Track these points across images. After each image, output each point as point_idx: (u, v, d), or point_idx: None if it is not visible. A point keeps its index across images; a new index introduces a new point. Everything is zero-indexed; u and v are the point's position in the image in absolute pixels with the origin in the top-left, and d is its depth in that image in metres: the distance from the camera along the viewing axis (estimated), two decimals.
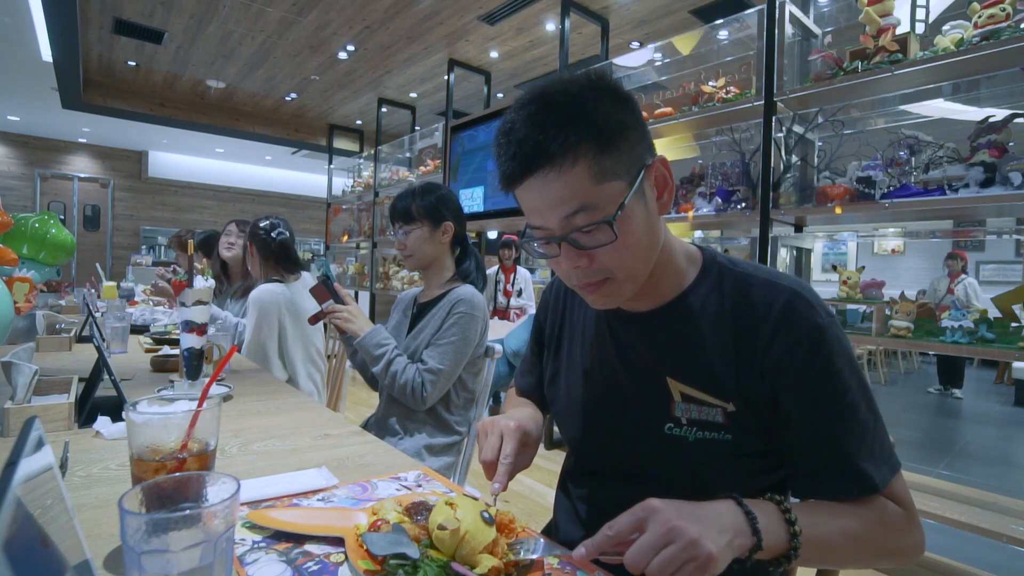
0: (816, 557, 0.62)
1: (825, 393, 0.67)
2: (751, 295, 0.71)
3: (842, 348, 0.68)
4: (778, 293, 0.70)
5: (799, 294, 0.69)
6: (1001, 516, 1.79)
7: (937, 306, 2.07)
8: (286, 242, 2.16)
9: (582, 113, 0.62)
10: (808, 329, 0.67)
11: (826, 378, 0.67)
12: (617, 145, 0.63)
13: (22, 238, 3.22)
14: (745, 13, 2.60)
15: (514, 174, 0.65)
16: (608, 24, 4.42)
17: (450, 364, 1.47)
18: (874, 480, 0.66)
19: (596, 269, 0.67)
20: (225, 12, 4.95)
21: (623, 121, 0.64)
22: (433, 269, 1.62)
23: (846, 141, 2.34)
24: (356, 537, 0.62)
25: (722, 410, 0.70)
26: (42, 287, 3.32)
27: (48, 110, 7.24)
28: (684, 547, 0.52)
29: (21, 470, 0.34)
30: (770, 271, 0.74)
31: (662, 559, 0.51)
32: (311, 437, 1.07)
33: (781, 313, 0.68)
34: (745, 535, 0.56)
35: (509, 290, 5.03)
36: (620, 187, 0.64)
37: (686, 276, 0.76)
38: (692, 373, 0.72)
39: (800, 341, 0.67)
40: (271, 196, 11.02)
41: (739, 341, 0.70)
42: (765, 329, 0.69)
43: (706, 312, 0.73)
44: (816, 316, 0.68)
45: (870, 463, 0.66)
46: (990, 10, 1.84)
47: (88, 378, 1.23)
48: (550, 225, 0.65)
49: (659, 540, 0.52)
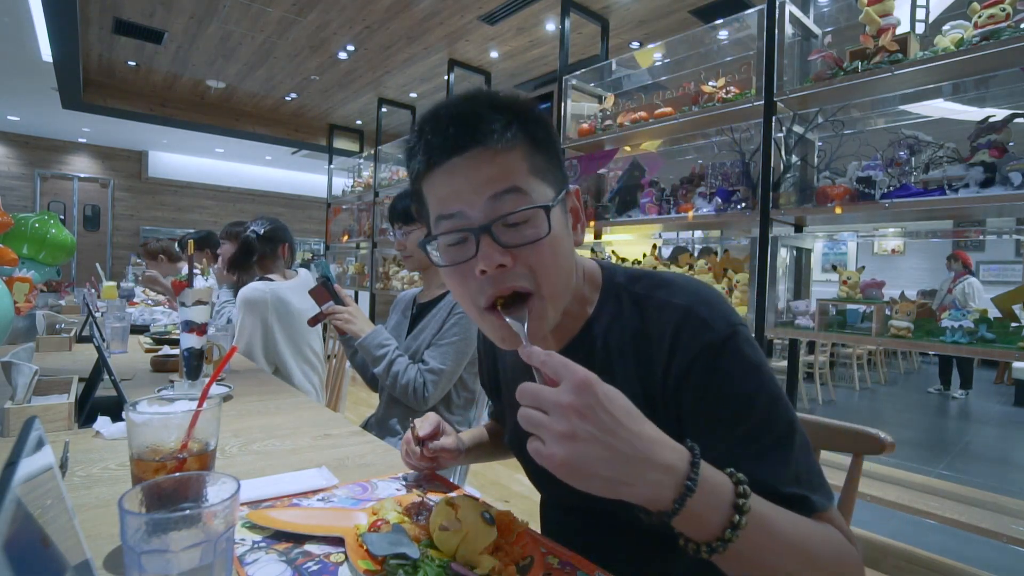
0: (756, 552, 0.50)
1: (729, 414, 0.59)
2: (647, 320, 0.65)
3: (746, 361, 0.60)
4: (670, 314, 0.63)
5: (691, 312, 0.62)
6: (1001, 516, 1.79)
7: (938, 306, 2.07)
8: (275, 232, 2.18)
9: (520, 109, 0.61)
10: (698, 349, 0.60)
11: (727, 399, 0.59)
12: (548, 152, 0.63)
13: (22, 238, 3.22)
14: (745, 13, 2.60)
15: (443, 149, 0.59)
16: (608, 24, 4.42)
17: (452, 364, 1.48)
18: (810, 500, 0.56)
19: (517, 274, 0.59)
20: (225, 12, 4.95)
21: (553, 137, 0.64)
22: (432, 269, 1.63)
23: (846, 141, 2.34)
24: (356, 537, 0.62)
25: None
26: (42, 287, 3.32)
27: (48, 110, 7.24)
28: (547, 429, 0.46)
29: (21, 470, 0.34)
30: (669, 284, 0.66)
31: (527, 416, 0.47)
32: (311, 437, 1.07)
33: (673, 336, 0.62)
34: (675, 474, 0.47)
35: None
36: (549, 192, 0.62)
37: (588, 304, 0.70)
38: None
39: (691, 365, 0.60)
40: (271, 196, 11.02)
41: (641, 374, 0.65)
42: (660, 356, 0.63)
43: (611, 345, 0.67)
44: (707, 333, 0.60)
45: (797, 486, 0.57)
46: (990, 10, 1.84)
47: (88, 378, 1.23)
48: (471, 210, 0.58)
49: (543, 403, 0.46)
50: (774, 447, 0.58)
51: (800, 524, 0.54)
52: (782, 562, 0.51)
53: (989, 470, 3.68)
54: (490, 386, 0.95)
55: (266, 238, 2.14)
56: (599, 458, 0.46)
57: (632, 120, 2.96)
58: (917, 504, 1.87)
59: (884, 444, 0.79)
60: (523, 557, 0.61)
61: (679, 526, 0.49)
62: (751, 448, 0.58)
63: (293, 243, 2.26)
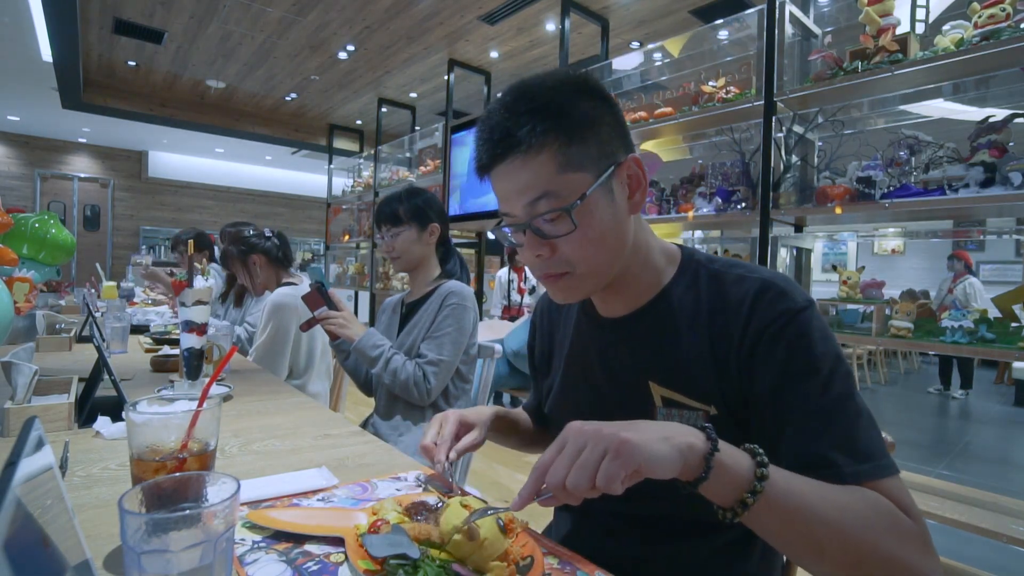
0: (787, 518, 0.52)
1: (792, 372, 0.62)
2: (725, 292, 0.68)
3: (817, 329, 0.63)
4: (749, 285, 0.67)
5: (771, 283, 0.66)
6: (1001, 516, 1.79)
7: (938, 306, 2.07)
8: (283, 235, 2.19)
9: (552, 104, 0.64)
10: (776, 314, 0.64)
11: (794, 357, 0.62)
12: (585, 138, 0.64)
13: (22, 238, 3.22)
14: (745, 13, 2.60)
15: (485, 160, 0.67)
16: (608, 24, 4.42)
17: (449, 354, 1.51)
18: (848, 470, 0.57)
19: (557, 260, 0.67)
20: (225, 12, 4.95)
21: (595, 117, 0.65)
22: (420, 269, 1.67)
23: (846, 141, 2.34)
24: (356, 537, 0.62)
25: (703, 413, 0.67)
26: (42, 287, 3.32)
27: (48, 110, 7.25)
28: (595, 444, 0.48)
29: (21, 470, 0.34)
30: (748, 266, 0.71)
31: (577, 467, 0.48)
32: (311, 437, 1.07)
33: (751, 304, 0.65)
34: (695, 435, 0.51)
35: (523, 287, 5.35)
36: (585, 179, 0.65)
37: (664, 275, 0.74)
38: (672, 376, 0.70)
39: (768, 325, 0.64)
40: (271, 196, 11.02)
41: (715, 340, 0.67)
42: (737, 324, 0.66)
43: (683, 312, 0.71)
44: (786, 302, 0.64)
45: (843, 454, 0.58)
46: (990, 10, 1.84)
47: (88, 378, 1.23)
48: (516, 212, 0.67)
49: (574, 451, 0.49)
50: (831, 412, 0.60)
51: (828, 492, 0.54)
52: (809, 527, 0.52)
53: (989, 470, 3.68)
54: (541, 365, 0.93)
55: (281, 243, 2.16)
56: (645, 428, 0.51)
57: (632, 120, 2.96)
58: (917, 504, 1.86)
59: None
60: (523, 557, 0.61)
61: (707, 491, 0.52)
62: (805, 402, 0.61)
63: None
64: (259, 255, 2.12)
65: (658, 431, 0.51)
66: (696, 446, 0.51)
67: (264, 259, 2.13)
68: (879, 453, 0.60)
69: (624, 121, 0.70)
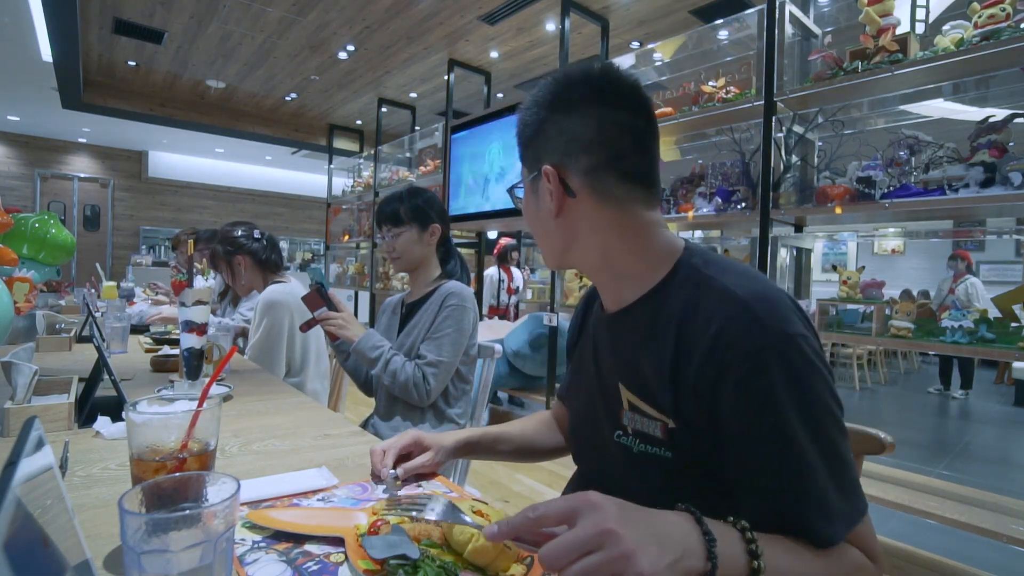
0: None
1: (761, 430, 0.57)
2: (701, 304, 0.63)
3: (791, 376, 0.57)
4: (725, 304, 0.61)
5: (749, 307, 0.59)
6: (1001, 516, 1.79)
7: (938, 306, 2.07)
8: (272, 237, 2.16)
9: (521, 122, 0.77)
10: (744, 350, 0.58)
11: (762, 412, 0.57)
12: (531, 143, 0.76)
13: (22, 238, 3.22)
14: (745, 13, 2.60)
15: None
16: (608, 24, 4.42)
17: (449, 355, 1.51)
18: (819, 535, 0.55)
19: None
20: (225, 12, 4.95)
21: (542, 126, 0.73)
22: (420, 270, 1.67)
23: (846, 141, 2.34)
24: (356, 537, 0.62)
25: (662, 424, 0.65)
26: (42, 287, 3.32)
27: (48, 110, 7.25)
28: (612, 559, 0.44)
29: (21, 470, 0.34)
30: (740, 275, 0.64)
31: (584, 566, 0.44)
32: (311, 437, 1.07)
33: (720, 328, 0.60)
34: (697, 558, 0.48)
35: (512, 287, 5.55)
36: (525, 174, 0.79)
37: (657, 274, 0.70)
38: (635, 382, 0.69)
39: (732, 364, 0.58)
40: (271, 196, 11.02)
41: (679, 354, 0.63)
42: (702, 345, 0.61)
43: (656, 318, 0.67)
44: (759, 335, 0.58)
45: (818, 517, 0.56)
46: (990, 10, 1.85)
47: (88, 378, 1.23)
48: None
49: (586, 542, 0.45)
50: (803, 472, 0.56)
51: (805, 558, 0.55)
52: None
53: (989, 470, 3.68)
54: (570, 352, 0.94)
55: (270, 246, 2.14)
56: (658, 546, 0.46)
57: None
58: (917, 504, 1.87)
59: (884, 444, 0.78)
60: (523, 557, 0.61)
61: None
62: (777, 467, 0.57)
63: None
64: (244, 256, 2.09)
65: (669, 553, 0.47)
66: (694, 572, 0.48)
67: (249, 260, 2.10)
68: (851, 505, 0.58)
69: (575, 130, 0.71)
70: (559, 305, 3.48)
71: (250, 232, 2.13)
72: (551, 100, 0.73)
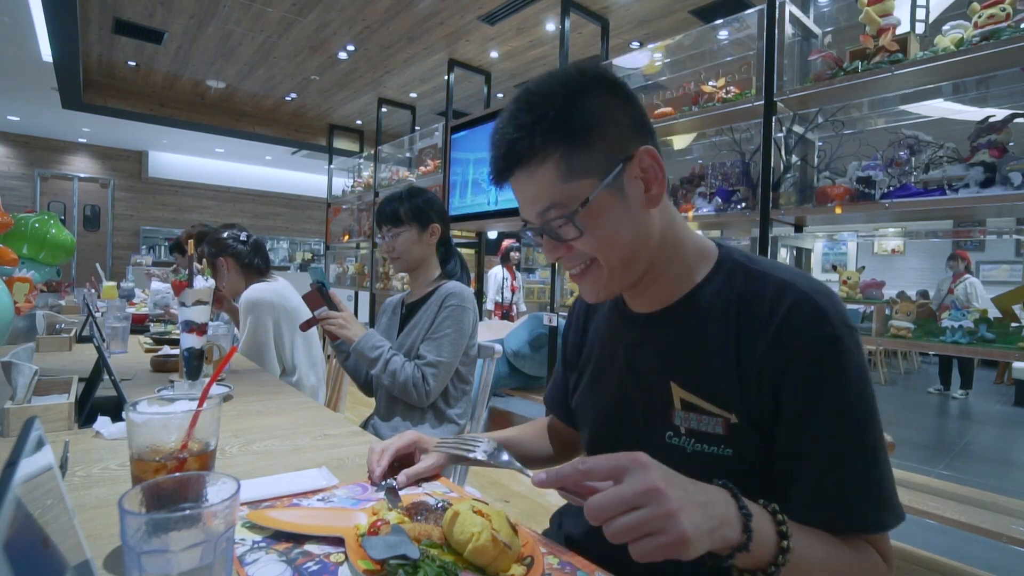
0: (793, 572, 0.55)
1: (823, 410, 0.60)
2: (761, 295, 0.65)
3: (854, 365, 0.60)
4: (788, 294, 0.63)
5: (810, 297, 0.62)
6: (1001, 516, 1.79)
7: (938, 306, 2.07)
8: (258, 240, 2.12)
9: (551, 113, 0.63)
10: (812, 337, 0.60)
11: (827, 394, 0.60)
12: (588, 142, 0.64)
13: (22, 238, 3.22)
14: (745, 13, 2.60)
15: (495, 175, 0.70)
16: (608, 24, 4.42)
17: (448, 355, 1.51)
18: (867, 520, 0.59)
19: (576, 257, 0.69)
20: (225, 12, 4.96)
21: (600, 115, 0.64)
22: (420, 270, 1.67)
23: (846, 141, 2.34)
24: (356, 537, 0.62)
25: (724, 421, 0.65)
26: (42, 287, 3.32)
27: (48, 110, 7.25)
28: (658, 516, 0.46)
29: (21, 470, 0.34)
30: (793, 271, 0.66)
31: (629, 521, 0.46)
32: (311, 437, 1.07)
33: (785, 316, 0.62)
34: (733, 528, 0.50)
35: (515, 285, 5.84)
36: (591, 184, 0.64)
37: (696, 272, 0.71)
38: (694, 379, 0.67)
39: (801, 350, 0.60)
40: (271, 196, 11.02)
41: (741, 347, 0.64)
42: (767, 334, 0.62)
43: (713, 313, 0.67)
44: (825, 325, 0.60)
45: (867, 502, 0.59)
46: (990, 10, 1.84)
47: (88, 378, 1.22)
48: (531, 219, 0.69)
49: (633, 498, 0.47)
50: (860, 455, 0.59)
51: (828, 545, 0.57)
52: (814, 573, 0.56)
53: (989, 470, 3.68)
54: (572, 358, 0.92)
55: (255, 249, 2.10)
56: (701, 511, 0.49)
57: None
58: (917, 504, 1.87)
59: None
60: (523, 557, 0.61)
61: (742, 561, 0.52)
62: (837, 449, 0.59)
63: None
64: (227, 258, 2.06)
65: (710, 519, 0.49)
66: (730, 542, 0.51)
67: (232, 262, 2.06)
68: (897, 501, 0.61)
69: (639, 110, 0.68)
70: (559, 305, 3.49)
71: (236, 235, 2.09)
72: (608, 85, 0.66)
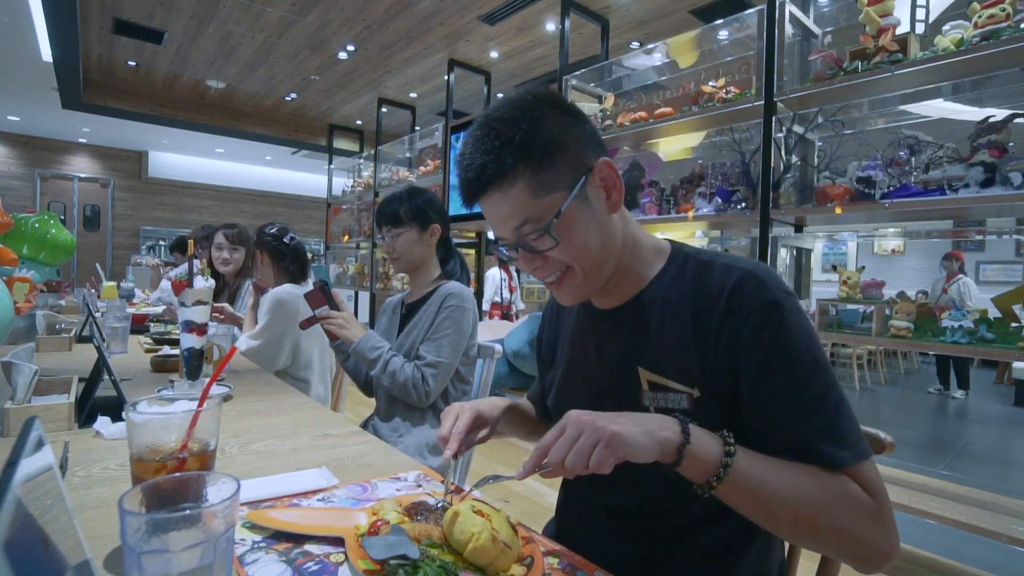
0: (748, 497, 0.61)
1: (774, 366, 0.66)
2: (708, 279, 0.73)
3: (795, 323, 0.67)
4: (732, 274, 0.71)
5: (751, 273, 0.70)
6: (1001, 516, 1.79)
7: (937, 306, 2.07)
8: (299, 247, 2.14)
9: (516, 137, 0.68)
10: (756, 304, 0.68)
11: (775, 351, 0.66)
12: (553, 160, 0.69)
13: (22, 238, 3.21)
14: (745, 13, 2.60)
15: (466, 196, 0.73)
16: (608, 24, 4.42)
17: (448, 356, 1.51)
18: (832, 457, 0.62)
19: (551, 266, 0.74)
20: (225, 12, 4.96)
21: (561, 133, 0.70)
22: (420, 270, 1.66)
23: (846, 141, 2.34)
24: (356, 537, 0.62)
25: (688, 396, 0.71)
26: (42, 287, 3.32)
27: (48, 110, 7.24)
28: (592, 432, 0.57)
29: (21, 470, 0.34)
30: (734, 257, 0.75)
31: (574, 450, 0.57)
32: (311, 437, 1.07)
33: (731, 291, 0.69)
34: (672, 431, 0.59)
35: (513, 285, 5.83)
36: (560, 197, 0.70)
37: (652, 268, 0.79)
38: (658, 361, 0.74)
39: (748, 316, 0.68)
40: (271, 196, 11.02)
41: (697, 326, 0.71)
42: (717, 309, 0.70)
43: (670, 301, 0.75)
44: (766, 292, 0.68)
45: (827, 443, 0.63)
46: (990, 10, 1.84)
47: (88, 378, 1.23)
48: (505, 235, 0.73)
49: (573, 436, 0.58)
50: (812, 401, 0.65)
51: (786, 474, 0.62)
52: (766, 503, 0.61)
53: (989, 470, 3.68)
54: (547, 355, 0.97)
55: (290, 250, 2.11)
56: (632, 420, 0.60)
57: (632, 120, 2.96)
58: (917, 504, 1.87)
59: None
60: (523, 557, 0.61)
61: (685, 470, 0.60)
62: (791, 398, 0.65)
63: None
64: (263, 252, 2.11)
65: (642, 424, 0.59)
66: (671, 440, 0.59)
67: (267, 257, 2.10)
68: (856, 439, 0.65)
69: (591, 126, 0.74)
70: None
71: (281, 233, 2.12)
72: (562, 107, 0.72)
